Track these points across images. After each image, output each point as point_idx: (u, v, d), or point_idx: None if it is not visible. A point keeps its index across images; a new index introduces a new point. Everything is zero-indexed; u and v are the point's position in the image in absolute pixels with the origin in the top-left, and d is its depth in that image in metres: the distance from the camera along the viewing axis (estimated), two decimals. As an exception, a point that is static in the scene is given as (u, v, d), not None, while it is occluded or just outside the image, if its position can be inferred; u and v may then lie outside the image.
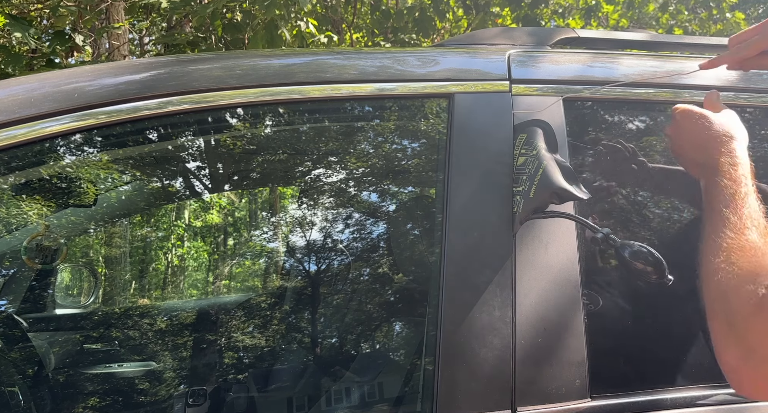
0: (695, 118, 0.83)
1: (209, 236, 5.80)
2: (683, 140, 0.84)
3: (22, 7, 5.33)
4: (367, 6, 5.54)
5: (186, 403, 1.24)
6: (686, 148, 0.84)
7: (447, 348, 0.85)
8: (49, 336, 1.72)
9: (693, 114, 0.83)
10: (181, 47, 4.33)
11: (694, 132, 0.82)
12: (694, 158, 0.81)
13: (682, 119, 0.85)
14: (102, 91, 0.90)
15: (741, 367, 0.57)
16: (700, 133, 0.81)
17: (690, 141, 0.82)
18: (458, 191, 0.91)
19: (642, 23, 6.44)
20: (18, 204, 1.40)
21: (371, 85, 0.99)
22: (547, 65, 1.07)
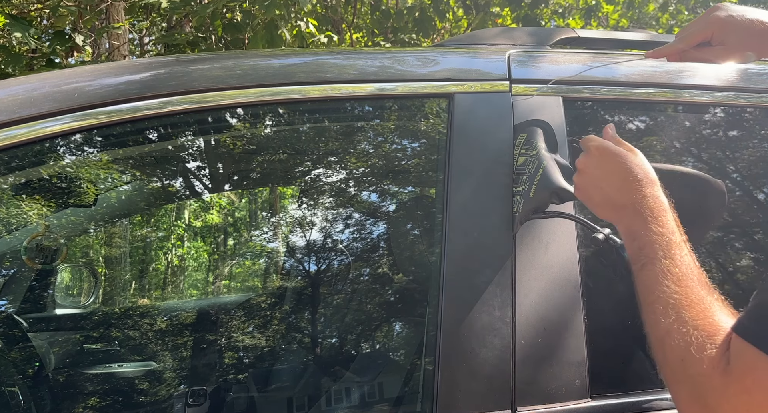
0: (615, 155, 0.74)
1: (209, 236, 5.80)
2: (599, 177, 0.74)
3: (22, 7, 5.33)
4: (367, 6, 5.54)
5: (186, 403, 1.24)
6: (603, 187, 0.73)
7: (447, 348, 0.85)
8: (49, 336, 1.72)
9: (611, 150, 0.74)
10: (181, 47, 4.33)
11: (615, 171, 0.72)
12: (614, 200, 0.72)
13: (600, 155, 0.75)
14: (102, 91, 0.90)
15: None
16: (621, 172, 0.72)
17: (609, 180, 0.73)
18: (458, 191, 0.91)
19: (642, 23, 6.44)
20: (18, 204, 1.40)
21: (371, 85, 0.99)
22: (547, 65, 1.07)
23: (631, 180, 0.71)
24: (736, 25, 0.81)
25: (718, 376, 0.50)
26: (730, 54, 0.84)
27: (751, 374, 0.48)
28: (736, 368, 0.49)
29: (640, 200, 0.69)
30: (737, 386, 0.49)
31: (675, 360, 0.55)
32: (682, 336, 0.55)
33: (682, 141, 1.15)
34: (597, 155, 0.75)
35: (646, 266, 0.64)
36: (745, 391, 0.48)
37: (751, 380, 0.48)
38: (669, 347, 0.56)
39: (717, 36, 0.83)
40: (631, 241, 0.68)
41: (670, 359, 0.56)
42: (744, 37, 0.81)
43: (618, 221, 0.72)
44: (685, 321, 0.56)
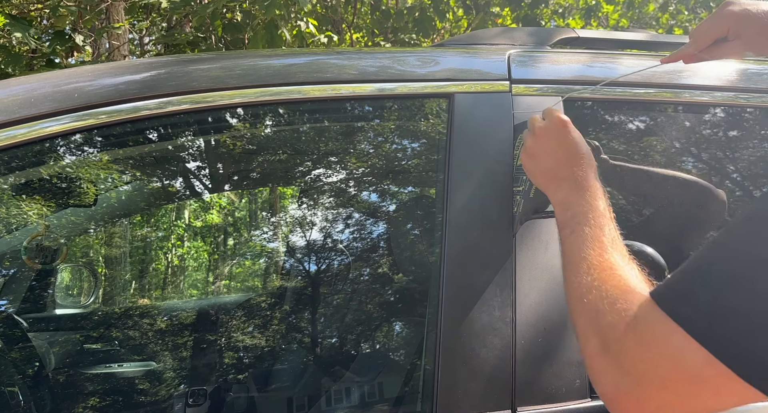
0: (565, 131, 0.79)
1: (209, 236, 5.80)
2: (547, 150, 0.79)
3: (22, 7, 5.33)
4: (367, 6, 5.54)
5: (186, 403, 1.24)
6: (548, 159, 0.79)
7: (447, 348, 0.85)
8: (49, 336, 1.72)
9: (565, 125, 0.79)
10: (181, 47, 4.33)
11: (562, 146, 0.78)
12: (556, 172, 0.76)
13: (550, 130, 0.80)
14: (102, 91, 0.90)
15: (615, 393, 0.53)
16: (567, 148, 0.77)
17: (556, 154, 0.78)
18: (458, 191, 0.91)
19: (642, 23, 6.44)
20: (18, 204, 1.41)
21: (371, 85, 0.99)
22: (547, 65, 1.07)
23: (575, 157, 0.76)
24: (753, 17, 0.79)
25: (625, 328, 0.53)
26: (749, 47, 0.81)
27: (652, 330, 0.50)
28: (642, 322, 0.51)
29: (581, 175, 0.74)
30: (639, 339, 0.51)
31: (590, 313, 0.58)
32: (600, 292, 0.58)
33: (682, 141, 1.15)
34: (548, 129, 0.80)
35: (575, 232, 0.67)
36: (644, 344, 0.51)
37: (651, 335, 0.50)
38: (587, 302, 0.59)
39: (733, 30, 0.80)
40: (564, 210, 0.72)
41: (586, 312, 0.59)
42: (761, 28, 0.79)
43: (555, 191, 0.76)
44: (605, 280, 0.59)
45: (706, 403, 0.48)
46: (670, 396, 0.49)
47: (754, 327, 0.45)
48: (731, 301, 0.47)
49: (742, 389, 0.46)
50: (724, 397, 0.47)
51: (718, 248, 0.51)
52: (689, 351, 0.47)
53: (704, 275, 0.49)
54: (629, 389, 0.52)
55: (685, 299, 0.49)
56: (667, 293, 0.51)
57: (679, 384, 0.48)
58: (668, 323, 0.49)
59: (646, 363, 0.50)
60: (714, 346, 0.46)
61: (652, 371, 0.50)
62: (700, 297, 0.49)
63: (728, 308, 0.47)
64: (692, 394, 0.48)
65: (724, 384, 0.46)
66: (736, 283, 0.47)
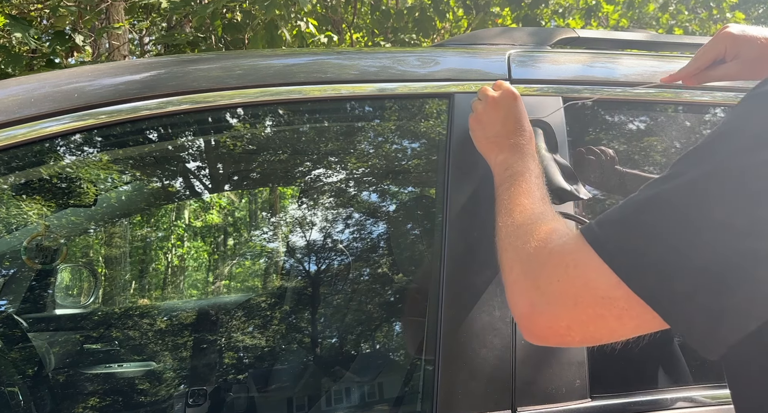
0: (514, 103, 0.86)
1: (209, 236, 5.80)
2: (494, 116, 0.86)
3: (22, 7, 5.33)
4: (367, 6, 5.54)
5: (186, 403, 1.24)
6: (495, 124, 0.85)
7: (447, 348, 0.85)
8: (49, 336, 1.72)
9: (516, 98, 0.86)
10: (181, 47, 4.33)
11: (509, 115, 0.85)
12: (501, 136, 0.84)
13: (505, 99, 0.86)
14: (102, 91, 0.90)
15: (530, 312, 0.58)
16: (514, 118, 0.84)
17: (504, 121, 0.85)
18: (458, 191, 0.91)
19: (642, 23, 6.45)
20: (18, 204, 1.41)
21: (371, 85, 0.99)
22: (547, 65, 1.07)
23: (520, 128, 0.83)
24: (751, 39, 0.80)
25: (548, 254, 0.58)
26: (747, 70, 0.82)
27: (573, 255, 0.55)
28: (565, 249, 0.56)
29: (522, 143, 0.81)
30: (559, 261, 0.56)
31: (518, 245, 0.64)
32: (528, 229, 0.64)
33: (682, 141, 1.15)
34: (500, 99, 0.87)
35: (513, 185, 0.75)
36: (563, 266, 0.55)
37: (571, 259, 0.55)
38: (516, 237, 0.65)
39: (730, 51, 0.82)
40: (503, 170, 0.79)
41: (514, 245, 0.65)
42: (760, 52, 0.80)
43: (497, 155, 0.83)
44: (536, 221, 0.66)
45: (609, 325, 0.53)
46: (580, 316, 0.54)
47: (662, 262, 0.50)
48: (646, 238, 0.51)
49: (643, 312, 0.51)
50: (626, 321, 0.52)
51: (647, 196, 0.54)
52: (602, 275, 0.52)
53: (629, 216, 0.54)
54: (543, 308, 0.56)
55: (606, 233, 0.54)
56: (592, 227, 0.55)
57: (588, 305, 0.53)
58: (589, 251, 0.54)
59: (562, 283, 0.55)
60: (624, 272, 0.51)
61: (567, 290, 0.55)
62: (620, 233, 0.53)
63: (642, 244, 0.51)
64: (599, 316, 0.53)
65: (628, 308, 0.51)
66: (654, 226, 0.51)
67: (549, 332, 0.57)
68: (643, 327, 0.53)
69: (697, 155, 0.54)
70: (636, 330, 0.54)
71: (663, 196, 0.52)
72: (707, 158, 0.53)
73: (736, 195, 0.49)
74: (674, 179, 0.53)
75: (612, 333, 0.55)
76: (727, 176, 0.50)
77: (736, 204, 0.49)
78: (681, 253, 0.50)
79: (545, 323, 0.57)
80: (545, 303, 0.56)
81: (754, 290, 0.48)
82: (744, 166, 0.50)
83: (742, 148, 0.51)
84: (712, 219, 0.49)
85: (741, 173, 0.50)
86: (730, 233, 0.48)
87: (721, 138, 0.53)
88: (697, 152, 0.54)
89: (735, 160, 0.51)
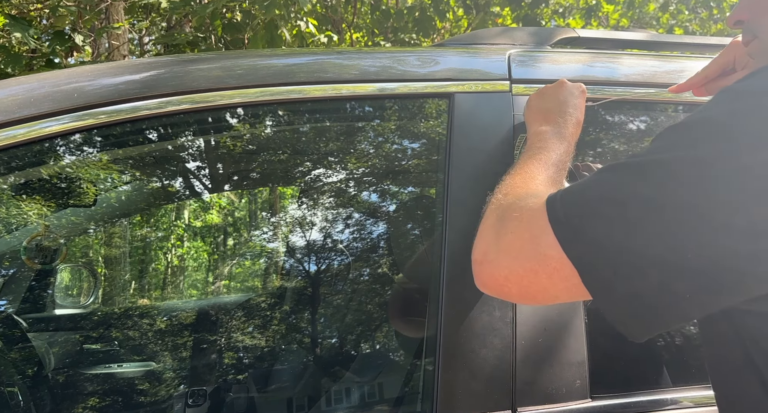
0: (581, 96, 0.89)
1: (209, 236, 5.80)
2: (558, 97, 0.89)
3: (21, 7, 5.33)
4: (367, 6, 5.54)
5: (186, 404, 1.24)
6: (553, 103, 0.88)
7: (447, 349, 0.85)
8: (49, 336, 1.72)
9: (583, 93, 0.90)
10: (180, 47, 4.33)
11: (571, 103, 0.88)
12: (551, 114, 0.86)
13: (574, 88, 0.90)
14: (102, 91, 0.90)
15: (481, 260, 0.64)
16: (574, 107, 0.87)
17: (561, 103, 0.87)
18: (458, 191, 0.91)
19: (642, 23, 6.44)
20: (18, 204, 1.40)
21: (372, 85, 0.99)
22: (548, 65, 1.07)
23: (571, 116, 0.85)
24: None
25: (517, 208, 0.63)
26: None
27: (531, 214, 0.59)
28: (530, 209, 0.61)
29: (565, 128, 0.83)
30: (520, 217, 0.61)
31: (501, 198, 0.69)
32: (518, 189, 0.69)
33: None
34: (570, 87, 0.90)
35: (535, 155, 0.78)
36: (519, 221, 0.61)
37: (528, 217, 0.60)
38: (504, 192, 0.70)
39: (740, 60, 0.82)
40: (536, 140, 0.82)
41: (497, 198, 0.70)
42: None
43: (540, 125, 0.85)
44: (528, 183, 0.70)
45: (541, 281, 0.57)
46: (518, 269, 0.59)
47: (603, 238, 0.53)
48: (594, 217, 0.55)
49: (572, 276, 0.55)
50: (556, 281, 0.56)
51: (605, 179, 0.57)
52: (545, 234, 0.56)
53: (584, 190, 0.58)
54: (492, 257, 0.62)
55: (560, 201, 0.58)
56: (553, 195, 0.59)
57: (527, 258, 0.58)
58: (545, 217, 0.58)
59: (513, 234, 0.61)
60: (561, 235, 0.55)
61: (513, 243, 0.60)
62: (570, 202, 0.57)
63: (588, 220, 0.55)
64: (534, 271, 0.57)
65: (559, 268, 0.55)
66: (604, 206, 0.55)
67: (491, 280, 0.62)
68: (572, 291, 0.56)
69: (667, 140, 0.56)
70: (566, 292, 0.57)
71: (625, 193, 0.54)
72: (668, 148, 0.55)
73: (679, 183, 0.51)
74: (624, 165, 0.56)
75: (544, 290, 0.58)
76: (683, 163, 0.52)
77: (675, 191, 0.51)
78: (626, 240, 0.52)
79: (489, 271, 0.62)
80: (494, 252, 0.62)
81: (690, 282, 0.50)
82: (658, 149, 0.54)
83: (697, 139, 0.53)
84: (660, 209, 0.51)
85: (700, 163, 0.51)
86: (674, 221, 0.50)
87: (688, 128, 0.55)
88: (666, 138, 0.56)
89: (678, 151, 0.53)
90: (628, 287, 0.52)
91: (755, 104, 0.51)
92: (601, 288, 0.54)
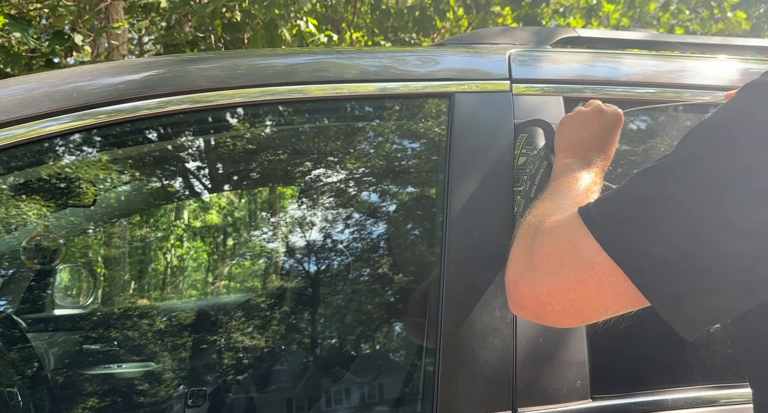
0: (617, 127, 0.86)
1: (209, 236, 5.80)
2: (591, 126, 0.85)
3: (21, 7, 5.32)
4: (367, 5, 5.54)
5: (185, 404, 1.23)
6: (585, 133, 0.85)
7: (447, 349, 0.85)
8: (48, 336, 1.72)
9: (619, 123, 0.86)
10: (180, 47, 4.33)
11: (605, 134, 0.85)
12: (581, 146, 0.84)
13: (610, 116, 0.86)
14: (101, 90, 0.90)
15: (517, 280, 0.61)
16: (607, 139, 0.84)
17: (594, 133, 0.84)
18: (458, 191, 0.91)
19: (643, 23, 6.44)
20: (17, 204, 1.40)
21: (372, 85, 0.98)
22: (548, 65, 1.07)
23: (602, 149, 0.83)
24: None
25: (549, 226, 0.62)
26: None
27: (567, 226, 0.58)
28: (562, 224, 0.60)
29: (594, 161, 0.81)
30: (555, 233, 0.60)
31: (532, 220, 0.67)
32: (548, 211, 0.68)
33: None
34: (605, 114, 0.86)
35: (563, 183, 0.76)
36: (555, 234, 0.59)
37: (565, 230, 0.58)
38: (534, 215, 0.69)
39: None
40: (562, 171, 0.80)
41: (528, 221, 0.68)
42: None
43: (567, 157, 0.83)
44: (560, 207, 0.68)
45: (589, 291, 0.55)
46: (562, 282, 0.56)
47: (643, 237, 0.53)
48: (630, 216, 0.54)
49: (623, 280, 0.53)
50: (606, 288, 0.54)
51: (637, 181, 0.57)
52: (586, 242, 0.55)
53: (616, 194, 0.57)
54: (529, 275, 0.59)
55: (594, 208, 0.57)
56: (584, 205, 0.59)
57: (571, 269, 0.56)
58: (581, 226, 0.57)
59: (550, 247, 0.58)
60: (602, 238, 0.54)
61: (553, 257, 0.58)
62: (604, 207, 0.57)
63: (626, 220, 0.54)
64: (580, 281, 0.55)
65: (609, 274, 0.53)
66: (639, 206, 0.54)
67: (530, 299, 0.59)
68: (623, 297, 0.54)
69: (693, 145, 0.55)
70: (616, 300, 0.55)
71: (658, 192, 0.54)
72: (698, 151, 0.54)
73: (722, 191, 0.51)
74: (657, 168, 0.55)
75: (592, 301, 0.56)
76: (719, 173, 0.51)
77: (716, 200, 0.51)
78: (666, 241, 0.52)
79: (528, 289, 0.59)
80: (532, 270, 0.59)
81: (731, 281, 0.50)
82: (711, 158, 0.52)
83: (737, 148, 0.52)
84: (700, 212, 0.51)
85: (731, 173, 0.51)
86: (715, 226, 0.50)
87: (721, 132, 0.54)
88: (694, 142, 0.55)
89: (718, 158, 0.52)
90: (673, 286, 0.52)
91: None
92: (650, 288, 0.53)
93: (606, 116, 0.85)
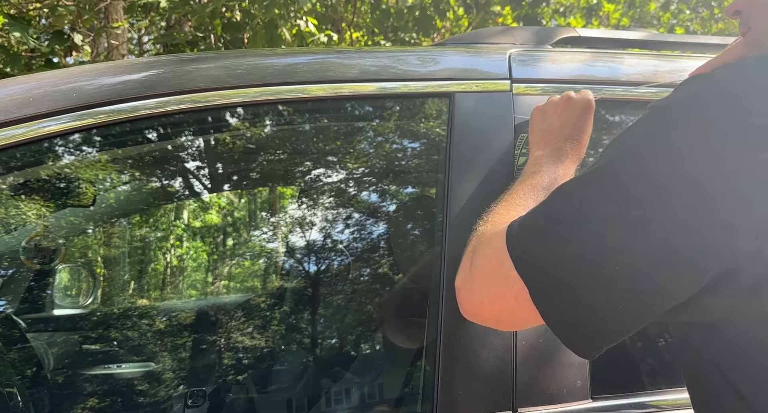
0: (588, 114, 0.85)
1: (208, 236, 5.80)
2: (562, 116, 0.84)
3: (21, 7, 5.32)
4: (367, 5, 5.54)
5: (185, 404, 1.23)
6: (556, 123, 0.84)
7: (447, 349, 0.85)
8: (48, 336, 1.71)
9: (589, 109, 0.85)
10: (180, 47, 4.33)
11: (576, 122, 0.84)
12: (553, 137, 0.83)
13: (580, 104, 0.85)
14: (101, 90, 0.90)
15: (460, 286, 0.65)
16: (579, 127, 0.83)
17: (565, 123, 0.83)
18: (458, 191, 0.91)
19: (643, 22, 6.44)
20: (17, 204, 1.40)
21: (372, 85, 0.98)
22: (548, 64, 1.07)
23: (575, 138, 0.82)
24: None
25: (490, 235, 0.65)
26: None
27: (499, 240, 0.60)
28: (497, 236, 0.61)
29: (566, 153, 0.80)
30: (489, 245, 0.63)
31: (483, 226, 0.71)
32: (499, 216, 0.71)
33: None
34: (575, 102, 0.85)
35: (525, 181, 0.77)
36: (489, 247, 0.62)
37: (496, 244, 0.60)
38: (486, 220, 0.72)
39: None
40: (532, 165, 0.80)
41: (481, 226, 0.71)
42: None
43: (540, 149, 0.83)
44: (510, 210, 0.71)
45: (510, 305, 0.57)
46: (490, 292, 0.60)
47: (546, 255, 0.54)
48: (539, 233, 0.56)
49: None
50: (522, 302, 0.56)
51: (552, 196, 0.58)
52: (508, 258, 0.57)
53: (536, 210, 0.59)
54: (470, 285, 0.63)
55: (517, 224, 0.59)
56: (518, 219, 0.61)
57: (496, 283, 0.59)
58: (502, 248, 0.59)
59: (484, 259, 0.62)
60: (514, 255, 0.56)
61: (484, 268, 0.61)
62: (523, 224, 0.58)
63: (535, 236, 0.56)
64: (501, 294, 0.58)
65: (522, 289, 0.55)
66: (547, 223, 0.56)
67: (469, 306, 0.64)
68: (536, 311, 0.55)
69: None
70: (533, 313, 0.56)
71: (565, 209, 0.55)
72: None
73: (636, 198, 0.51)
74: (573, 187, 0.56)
75: (513, 313, 0.58)
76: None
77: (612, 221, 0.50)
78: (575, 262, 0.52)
79: (467, 297, 0.64)
80: (471, 279, 0.63)
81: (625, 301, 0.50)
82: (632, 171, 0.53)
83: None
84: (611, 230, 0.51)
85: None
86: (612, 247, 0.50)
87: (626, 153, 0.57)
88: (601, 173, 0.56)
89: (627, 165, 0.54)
90: (569, 306, 0.52)
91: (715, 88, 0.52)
92: (546, 306, 0.54)
93: (575, 104, 0.84)
